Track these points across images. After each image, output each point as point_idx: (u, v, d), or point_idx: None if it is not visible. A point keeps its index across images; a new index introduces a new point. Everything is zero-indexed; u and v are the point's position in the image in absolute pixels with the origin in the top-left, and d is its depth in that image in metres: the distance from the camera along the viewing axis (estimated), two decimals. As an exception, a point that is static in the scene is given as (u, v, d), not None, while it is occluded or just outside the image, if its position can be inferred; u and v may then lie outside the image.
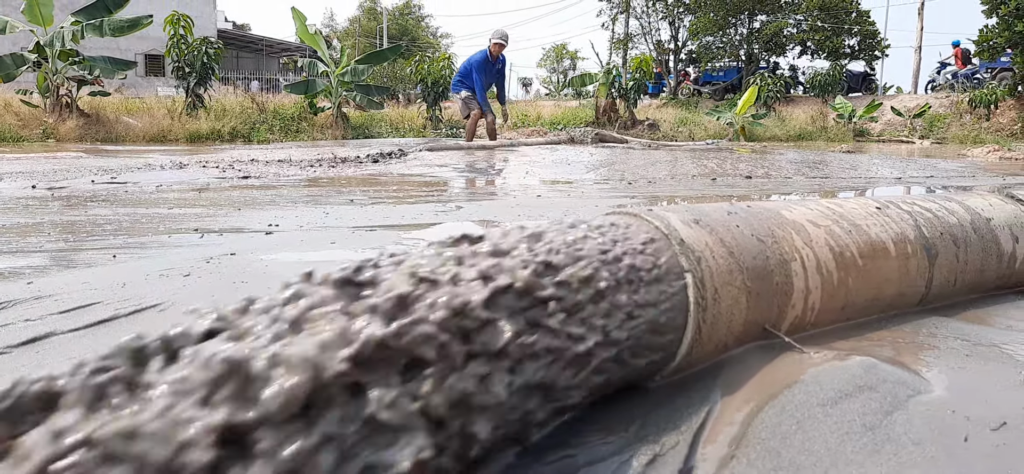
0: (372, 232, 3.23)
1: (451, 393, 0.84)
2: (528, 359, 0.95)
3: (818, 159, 10.70)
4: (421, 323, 0.86)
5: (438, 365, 0.84)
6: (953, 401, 1.24)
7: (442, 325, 0.87)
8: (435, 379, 0.83)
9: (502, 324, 0.93)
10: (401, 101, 26.48)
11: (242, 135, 15.53)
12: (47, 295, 1.98)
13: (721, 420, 1.18)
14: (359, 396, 0.78)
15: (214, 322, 0.83)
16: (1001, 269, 1.98)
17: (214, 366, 0.73)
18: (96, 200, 4.36)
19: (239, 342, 0.78)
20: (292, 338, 0.79)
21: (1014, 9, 21.89)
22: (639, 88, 21.85)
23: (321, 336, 0.79)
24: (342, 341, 0.79)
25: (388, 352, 0.82)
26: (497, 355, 0.91)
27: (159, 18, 16.19)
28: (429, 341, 0.85)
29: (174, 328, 0.81)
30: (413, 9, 58.84)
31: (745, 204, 1.56)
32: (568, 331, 1.02)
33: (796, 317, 1.47)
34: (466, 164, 8.57)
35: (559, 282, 1.04)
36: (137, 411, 0.68)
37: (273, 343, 0.78)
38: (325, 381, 0.75)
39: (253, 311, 0.86)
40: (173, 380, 0.72)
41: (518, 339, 0.94)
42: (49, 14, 13.62)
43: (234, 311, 0.86)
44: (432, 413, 0.82)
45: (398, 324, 0.84)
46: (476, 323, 0.91)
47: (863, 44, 31.59)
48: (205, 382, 0.72)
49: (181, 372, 0.73)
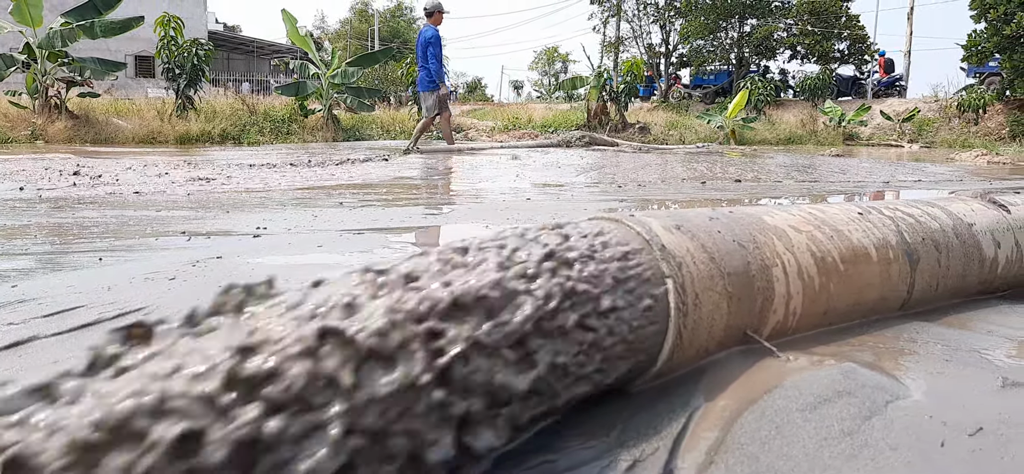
0: (360, 235, 3.23)
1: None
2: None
3: (808, 163, 10.74)
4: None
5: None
6: (931, 406, 1.25)
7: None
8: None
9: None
10: (392, 103, 26.45)
11: (232, 137, 15.48)
12: (31, 298, 1.97)
13: (701, 425, 1.19)
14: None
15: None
16: (983, 274, 2.00)
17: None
18: (83, 202, 4.35)
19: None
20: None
21: (1002, 14, 22.03)
22: (630, 91, 21.87)
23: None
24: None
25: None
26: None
27: (150, 19, 16.11)
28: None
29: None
30: (404, 11, 58.85)
31: (727, 210, 1.57)
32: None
33: (778, 322, 1.48)
34: (457, 167, 8.58)
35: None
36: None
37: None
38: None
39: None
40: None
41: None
42: (38, 15, 13.54)
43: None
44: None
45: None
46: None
47: (853, 48, 31.70)
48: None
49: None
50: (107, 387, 0.74)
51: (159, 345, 0.82)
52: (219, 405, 0.74)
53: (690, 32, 31.74)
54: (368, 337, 0.86)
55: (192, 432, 0.70)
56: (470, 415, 0.91)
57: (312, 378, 0.79)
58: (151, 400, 0.72)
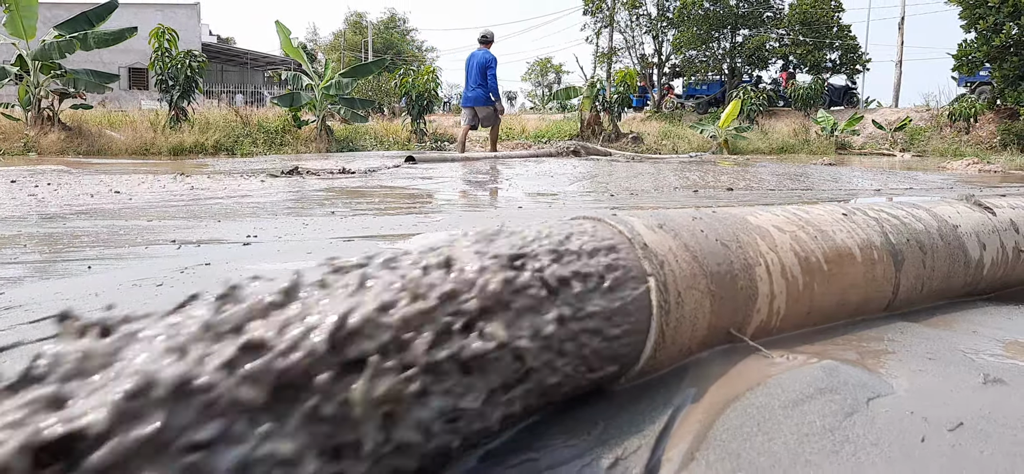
0: (350, 243, 3.23)
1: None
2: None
3: (800, 172, 10.78)
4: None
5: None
6: (912, 403, 1.26)
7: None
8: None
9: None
10: (386, 114, 26.46)
11: (226, 148, 15.47)
12: (18, 305, 1.97)
13: (684, 423, 1.19)
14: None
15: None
16: (968, 276, 2.00)
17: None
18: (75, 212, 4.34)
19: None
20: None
21: (992, 24, 22.18)
22: (623, 101, 21.93)
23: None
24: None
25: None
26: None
27: (143, 31, 16.10)
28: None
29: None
30: (398, 23, 58.97)
31: (710, 210, 1.58)
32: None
33: (761, 321, 1.49)
34: (450, 177, 8.58)
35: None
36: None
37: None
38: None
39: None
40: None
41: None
42: (32, 27, 13.52)
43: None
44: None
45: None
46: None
47: (844, 58, 31.90)
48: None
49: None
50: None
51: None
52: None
53: (683, 42, 31.90)
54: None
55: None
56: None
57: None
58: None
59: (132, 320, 0.80)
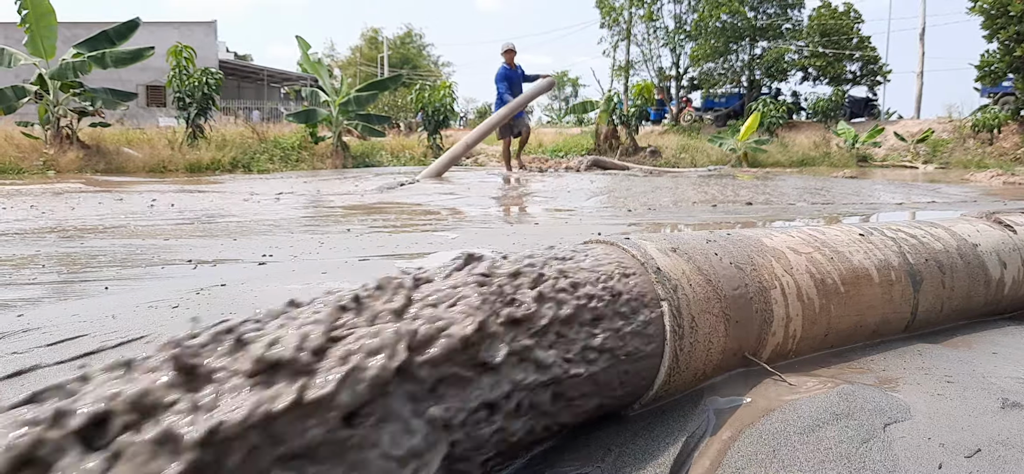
0: (366, 263, 3.23)
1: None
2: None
3: (821, 185, 10.70)
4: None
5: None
6: (930, 428, 1.24)
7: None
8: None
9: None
10: (402, 130, 26.56)
11: (242, 165, 15.58)
12: (36, 327, 1.98)
13: (698, 450, 1.17)
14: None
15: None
16: (989, 295, 1.98)
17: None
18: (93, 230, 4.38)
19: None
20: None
21: (1014, 34, 21.97)
22: (641, 115, 21.91)
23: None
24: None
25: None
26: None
27: (161, 49, 16.27)
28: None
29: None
30: (414, 38, 59.24)
31: (725, 232, 1.57)
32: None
33: (777, 344, 1.47)
34: (467, 193, 8.59)
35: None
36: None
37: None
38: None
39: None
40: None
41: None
42: (52, 46, 13.70)
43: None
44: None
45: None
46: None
47: (865, 69, 31.70)
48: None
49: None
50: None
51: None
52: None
53: (700, 55, 31.81)
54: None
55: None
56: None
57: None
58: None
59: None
